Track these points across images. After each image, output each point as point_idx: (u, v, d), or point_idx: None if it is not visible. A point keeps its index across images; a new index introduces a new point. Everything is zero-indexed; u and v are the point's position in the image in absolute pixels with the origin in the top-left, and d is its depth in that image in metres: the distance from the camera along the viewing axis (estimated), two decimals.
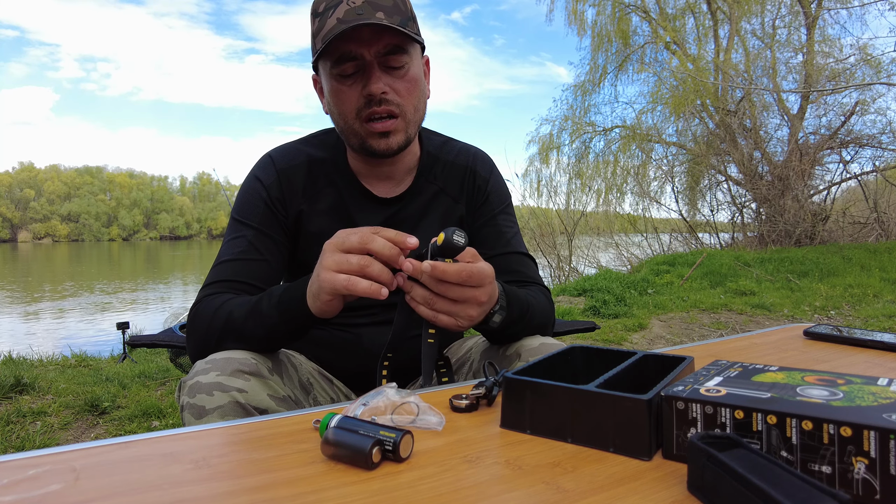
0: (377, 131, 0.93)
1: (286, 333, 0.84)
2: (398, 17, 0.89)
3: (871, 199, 10.03)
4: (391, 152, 0.96)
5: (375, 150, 0.95)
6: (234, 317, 0.84)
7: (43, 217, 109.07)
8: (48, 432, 2.38)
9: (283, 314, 0.81)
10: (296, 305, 0.80)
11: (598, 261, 10.69)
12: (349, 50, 0.89)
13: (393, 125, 0.93)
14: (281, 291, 0.84)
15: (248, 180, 1.04)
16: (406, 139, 0.96)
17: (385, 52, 0.90)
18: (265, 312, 0.82)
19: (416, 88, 0.96)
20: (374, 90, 0.90)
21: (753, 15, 11.36)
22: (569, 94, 14.31)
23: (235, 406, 0.74)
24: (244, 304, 0.85)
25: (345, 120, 0.95)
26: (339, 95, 0.93)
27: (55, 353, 4.13)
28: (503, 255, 1.06)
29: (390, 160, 1.01)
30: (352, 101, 0.92)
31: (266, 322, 0.82)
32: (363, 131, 0.94)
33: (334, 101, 0.94)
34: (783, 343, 1.02)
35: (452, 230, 0.71)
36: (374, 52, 0.89)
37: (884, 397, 0.50)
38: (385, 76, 0.91)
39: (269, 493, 0.46)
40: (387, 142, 0.94)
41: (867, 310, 5.09)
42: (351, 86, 0.92)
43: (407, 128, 0.96)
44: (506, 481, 0.48)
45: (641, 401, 0.52)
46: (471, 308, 0.76)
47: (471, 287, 0.74)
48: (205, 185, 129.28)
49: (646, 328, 4.61)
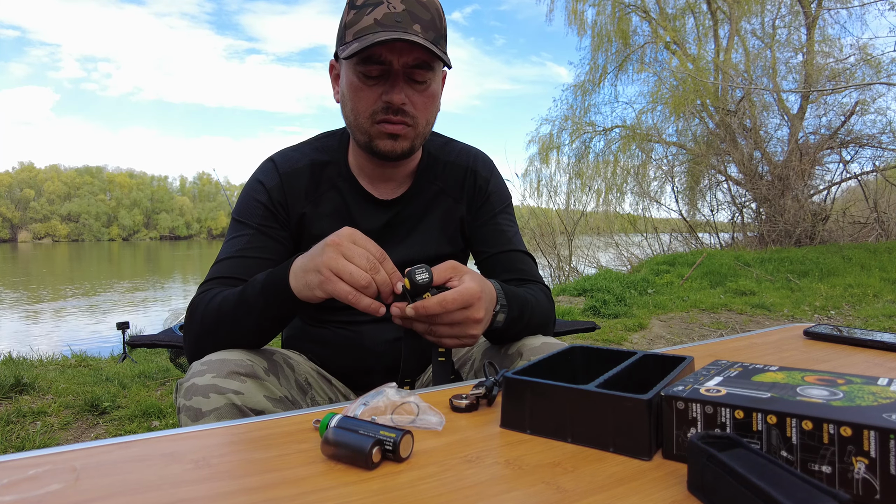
0: (387, 131, 0.94)
1: (272, 319, 0.84)
2: (433, 34, 0.91)
3: (871, 199, 10.03)
4: (395, 156, 0.96)
5: (381, 151, 0.96)
6: (223, 309, 0.84)
7: (43, 217, 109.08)
8: (48, 432, 2.38)
9: (268, 296, 0.82)
10: (279, 290, 0.81)
11: (598, 261, 10.69)
12: (379, 54, 0.89)
13: (403, 130, 0.94)
14: (264, 277, 0.84)
15: (250, 183, 1.04)
16: (412, 148, 0.97)
17: (412, 66, 0.91)
18: (251, 301, 0.83)
19: (433, 104, 0.98)
20: (395, 100, 0.91)
21: (753, 15, 11.36)
22: (569, 93, 14.33)
23: (231, 408, 0.74)
24: (231, 295, 0.86)
25: (356, 116, 0.95)
26: (358, 93, 0.94)
27: (55, 353, 4.13)
28: (504, 253, 1.07)
29: (392, 163, 1.01)
30: (369, 103, 0.93)
31: (254, 309, 0.82)
32: (373, 131, 0.95)
33: (351, 96, 0.95)
34: (783, 343, 1.02)
35: (412, 270, 0.75)
36: (402, 63, 0.90)
37: (884, 397, 0.50)
38: (406, 87, 0.93)
39: (269, 493, 0.46)
40: (393, 144, 0.95)
41: (867, 310, 5.09)
42: (372, 87, 0.93)
43: (415, 138, 0.97)
44: (506, 481, 0.48)
45: (641, 401, 0.52)
46: (470, 327, 0.77)
47: (461, 310, 0.76)
48: (205, 185, 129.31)
49: (646, 328, 4.61)
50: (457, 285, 0.77)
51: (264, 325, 0.84)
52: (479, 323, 0.78)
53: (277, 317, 0.84)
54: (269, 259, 0.97)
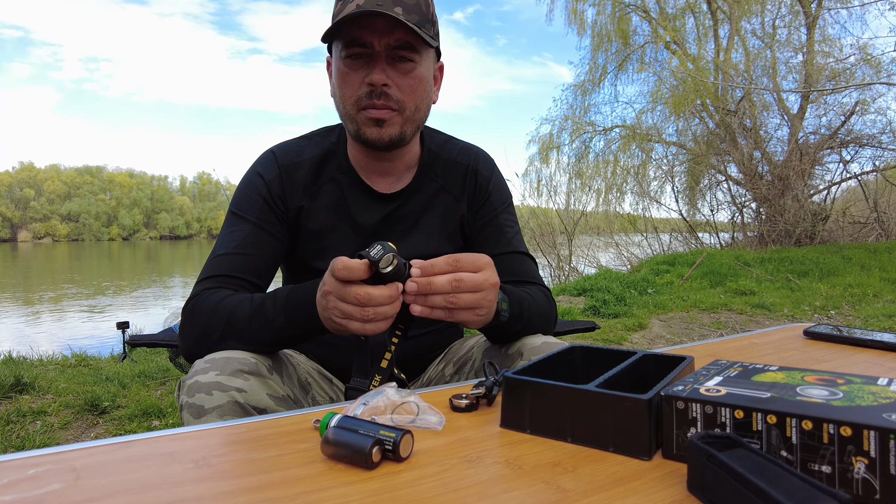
0: (372, 117, 0.93)
1: (293, 338, 0.84)
2: (416, 17, 0.90)
3: (871, 199, 10.03)
4: (382, 143, 0.95)
5: (368, 139, 0.95)
6: (236, 317, 0.83)
7: (43, 217, 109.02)
8: (48, 432, 2.38)
9: (292, 320, 0.82)
10: (304, 314, 0.80)
11: (598, 260, 10.68)
12: (360, 35, 0.89)
13: (388, 115, 0.93)
14: (286, 295, 0.83)
15: (248, 175, 1.03)
16: (400, 134, 0.96)
17: (395, 46, 0.90)
18: (271, 316, 0.82)
19: (421, 88, 0.95)
20: (376, 80, 0.90)
21: (753, 14, 11.36)
22: (569, 93, 14.29)
23: (234, 406, 0.74)
24: (244, 303, 0.85)
25: (344, 104, 0.95)
26: (344, 78, 0.94)
27: (55, 353, 4.13)
28: (504, 255, 1.06)
29: (389, 154, 1.01)
30: (353, 87, 0.93)
31: (273, 325, 0.82)
32: (359, 118, 0.94)
33: (338, 83, 0.95)
34: (783, 343, 1.02)
35: (365, 253, 0.70)
36: (383, 44, 0.90)
37: (884, 397, 0.50)
38: (390, 69, 0.92)
39: (269, 493, 0.46)
40: (379, 131, 0.94)
41: (867, 310, 5.09)
42: (356, 71, 0.92)
43: (403, 124, 0.95)
44: (506, 481, 0.48)
45: (641, 400, 0.52)
46: (489, 291, 0.75)
47: (477, 273, 0.74)
48: (205, 185, 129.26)
49: (646, 328, 4.61)
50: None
51: (284, 342, 0.85)
52: (495, 289, 0.76)
53: (299, 337, 0.84)
54: (267, 255, 0.97)
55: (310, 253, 1.03)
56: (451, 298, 0.73)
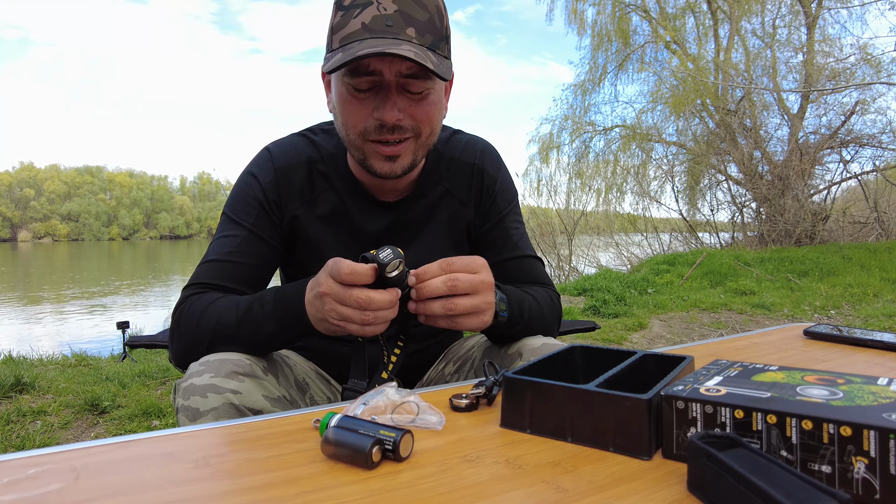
0: (384, 154, 0.87)
1: (284, 341, 0.84)
2: (430, 37, 0.83)
3: (871, 199, 10.03)
4: (394, 177, 0.90)
5: (377, 173, 0.89)
6: (223, 322, 0.82)
7: (43, 216, 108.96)
8: (48, 432, 2.38)
9: (281, 322, 0.81)
10: (293, 317, 0.80)
11: (598, 260, 10.69)
12: (367, 64, 0.81)
13: (402, 149, 0.87)
14: (273, 297, 0.82)
15: (244, 176, 0.99)
16: (412, 162, 0.90)
17: (407, 75, 0.82)
18: (259, 320, 0.81)
19: (435, 112, 0.88)
20: (388, 118, 0.83)
21: (753, 14, 11.36)
22: (569, 93, 14.29)
23: (230, 408, 0.73)
24: (231, 307, 0.83)
25: (347, 132, 0.88)
26: (348, 107, 0.86)
27: (55, 353, 4.13)
28: (512, 260, 1.04)
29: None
30: (360, 118, 0.85)
31: (262, 330, 0.81)
32: (367, 149, 0.88)
33: (341, 110, 0.87)
34: (783, 343, 1.02)
35: (374, 256, 0.71)
36: (395, 72, 0.82)
37: (884, 397, 0.50)
38: (402, 99, 0.84)
39: (269, 493, 0.46)
40: (391, 166, 0.88)
41: (867, 309, 5.09)
42: (363, 101, 0.85)
43: (416, 151, 0.90)
44: (506, 481, 0.48)
45: (641, 400, 0.52)
46: (486, 294, 0.76)
47: (473, 275, 0.75)
48: (205, 185, 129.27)
49: (646, 328, 4.61)
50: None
51: (275, 345, 0.85)
52: (492, 289, 0.77)
53: (290, 340, 0.84)
54: (260, 265, 0.94)
55: (309, 261, 0.99)
56: (448, 305, 0.74)
